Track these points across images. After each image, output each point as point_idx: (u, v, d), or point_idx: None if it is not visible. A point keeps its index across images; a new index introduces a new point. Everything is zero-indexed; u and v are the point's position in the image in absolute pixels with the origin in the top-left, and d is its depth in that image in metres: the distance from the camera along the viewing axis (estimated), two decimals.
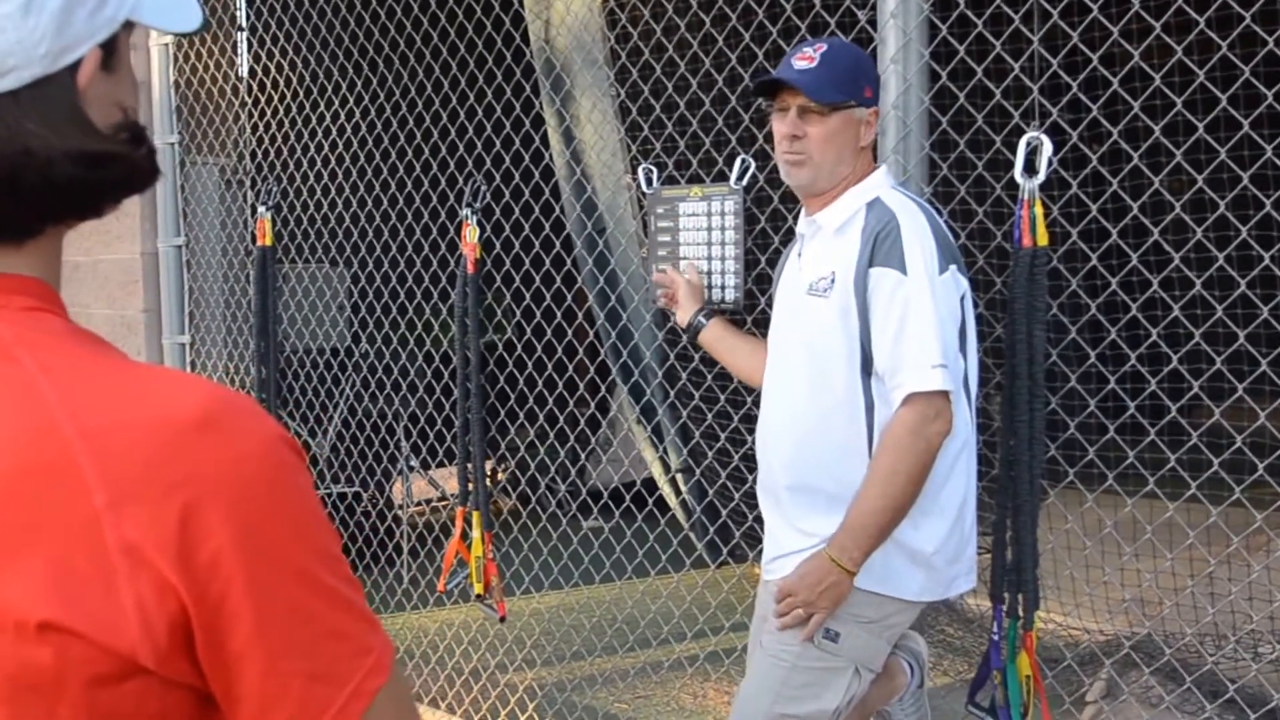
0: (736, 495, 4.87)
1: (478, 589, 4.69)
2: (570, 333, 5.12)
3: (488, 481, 4.77)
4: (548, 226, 5.30)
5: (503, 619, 4.75)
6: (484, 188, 4.56)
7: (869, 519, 2.96)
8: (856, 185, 3.13)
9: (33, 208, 1.06)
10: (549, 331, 5.03)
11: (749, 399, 4.09)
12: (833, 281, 3.06)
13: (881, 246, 2.97)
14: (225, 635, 1.02)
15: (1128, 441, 3.63)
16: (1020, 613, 3.26)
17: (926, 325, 2.92)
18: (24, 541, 0.98)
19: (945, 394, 2.94)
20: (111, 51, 1.10)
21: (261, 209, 5.61)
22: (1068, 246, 3.51)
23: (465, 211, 4.55)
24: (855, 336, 3.03)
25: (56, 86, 1.05)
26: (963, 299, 3.05)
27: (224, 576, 1.01)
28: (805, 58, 3.09)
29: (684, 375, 5.15)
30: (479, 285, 4.60)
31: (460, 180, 4.77)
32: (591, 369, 5.38)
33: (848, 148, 3.12)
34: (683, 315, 3.71)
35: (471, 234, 4.56)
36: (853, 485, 3.06)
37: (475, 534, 4.67)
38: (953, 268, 3.02)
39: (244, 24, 7.01)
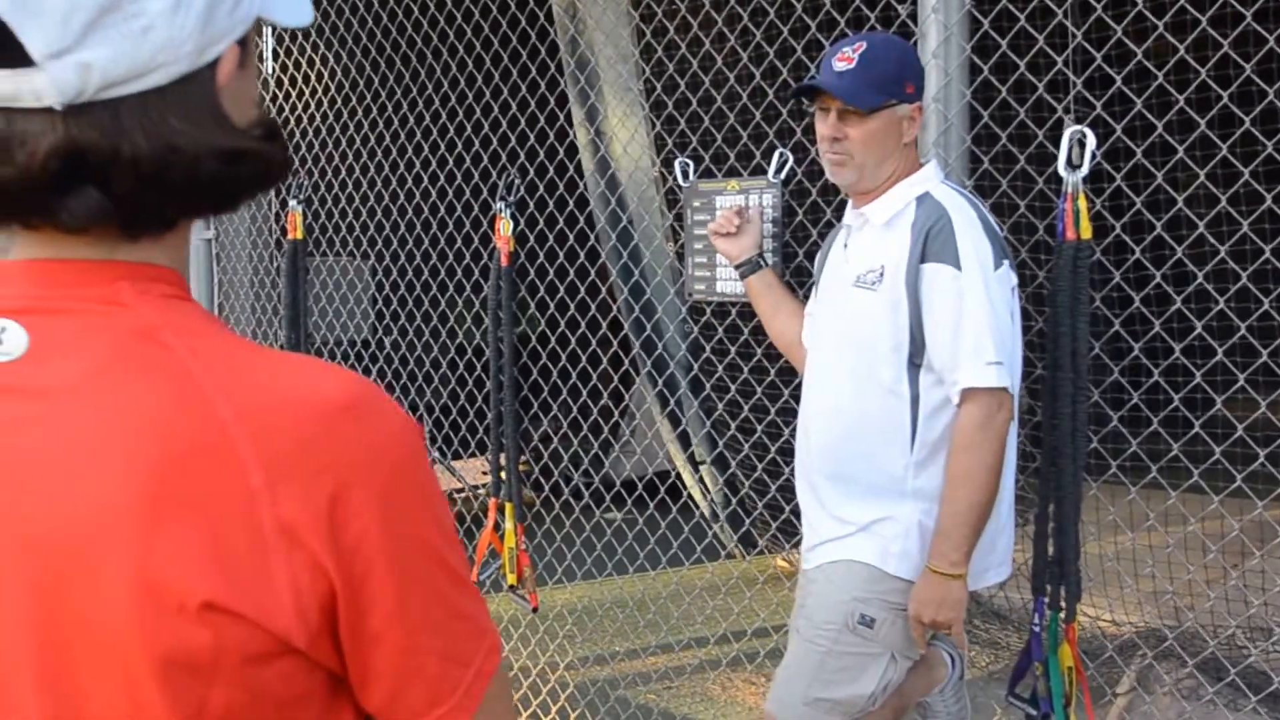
0: (772, 488, 4.86)
1: (510, 580, 4.70)
2: (603, 325, 5.12)
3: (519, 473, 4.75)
4: (577, 220, 5.30)
5: (535, 610, 4.76)
6: (518, 181, 4.57)
7: (960, 520, 2.99)
8: (905, 179, 3.14)
9: (177, 203, 1.07)
10: (582, 324, 5.04)
11: (786, 392, 4.09)
12: (881, 275, 3.07)
13: (934, 242, 2.98)
14: (366, 615, 1.05)
15: (1170, 435, 3.63)
16: (1062, 604, 3.27)
17: (982, 321, 2.94)
18: (182, 520, 0.99)
19: (1002, 389, 2.95)
20: (244, 48, 1.12)
21: (292, 202, 5.61)
22: (1111, 239, 3.50)
23: (499, 205, 4.56)
24: (904, 329, 3.04)
25: (199, 84, 1.06)
26: (1012, 292, 3.06)
27: (367, 557, 1.03)
28: (844, 59, 3.09)
29: (720, 368, 5.15)
30: (513, 278, 4.60)
31: (494, 174, 4.77)
32: (625, 361, 5.37)
33: (890, 146, 3.12)
34: (738, 248, 3.62)
35: (505, 227, 4.57)
36: (893, 475, 3.08)
37: (507, 525, 4.68)
38: (1005, 263, 3.03)
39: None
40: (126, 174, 1.02)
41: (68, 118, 1.00)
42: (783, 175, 3.74)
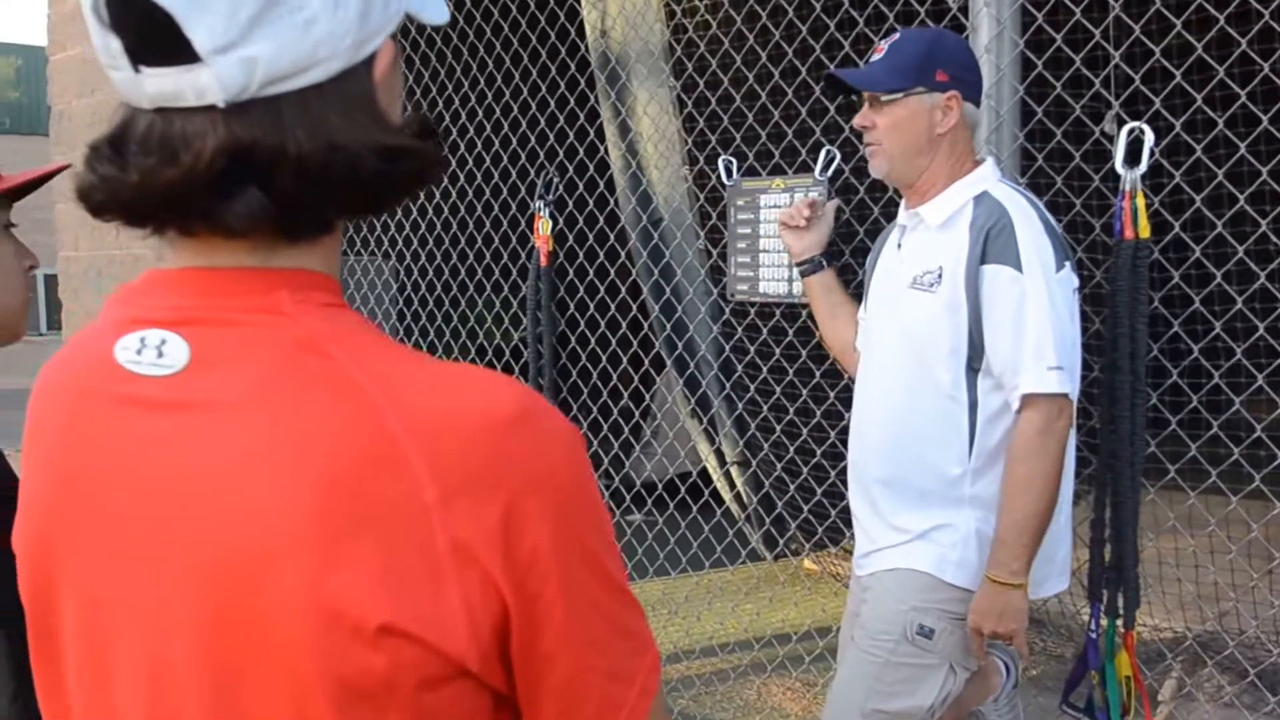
0: (818, 491, 4.80)
1: None
2: (622, 325, 5.06)
3: None
4: (596, 219, 5.24)
5: None
6: (557, 180, 4.51)
7: (1020, 529, 2.91)
8: (963, 179, 3.06)
9: (337, 204, 1.04)
10: (600, 324, 4.98)
11: (831, 394, 4.02)
12: (940, 276, 3.00)
13: (995, 242, 2.91)
14: (539, 633, 1.02)
15: (1230, 439, 3.56)
16: (1120, 611, 3.20)
17: (1044, 325, 2.87)
18: (357, 539, 0.96)
19: (1063, 396, 2.89)
20: (395, 46, 1.09)
21: None
22: (1170, 238, 3.43)
23: (537, 204, 4.50)
24: (963, 333, 2.97)
25: (356, 80, 1.04)
26: (1073, 294, 2.99)
27: (541, 573, 1.00)
28: (877, 50, 3.07)
29: (764, 370, 5.08)
30: (552, 278, 4.55)
31: (531, 172, 4.71)
32: (646, 361, 5.30)
33: (920, 135, 3.04)
34: (802, 244, 3.48)
35: (544, 226, 4.51)
36: (950, 481, 3.01)
37: None
38: (1067, 264, 2.96)
39: None
40: (290, 173, 0.99)
41: (229, 116, 0.98)
42: (829, 173, 3.68)
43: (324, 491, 0.96)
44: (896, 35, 3.07)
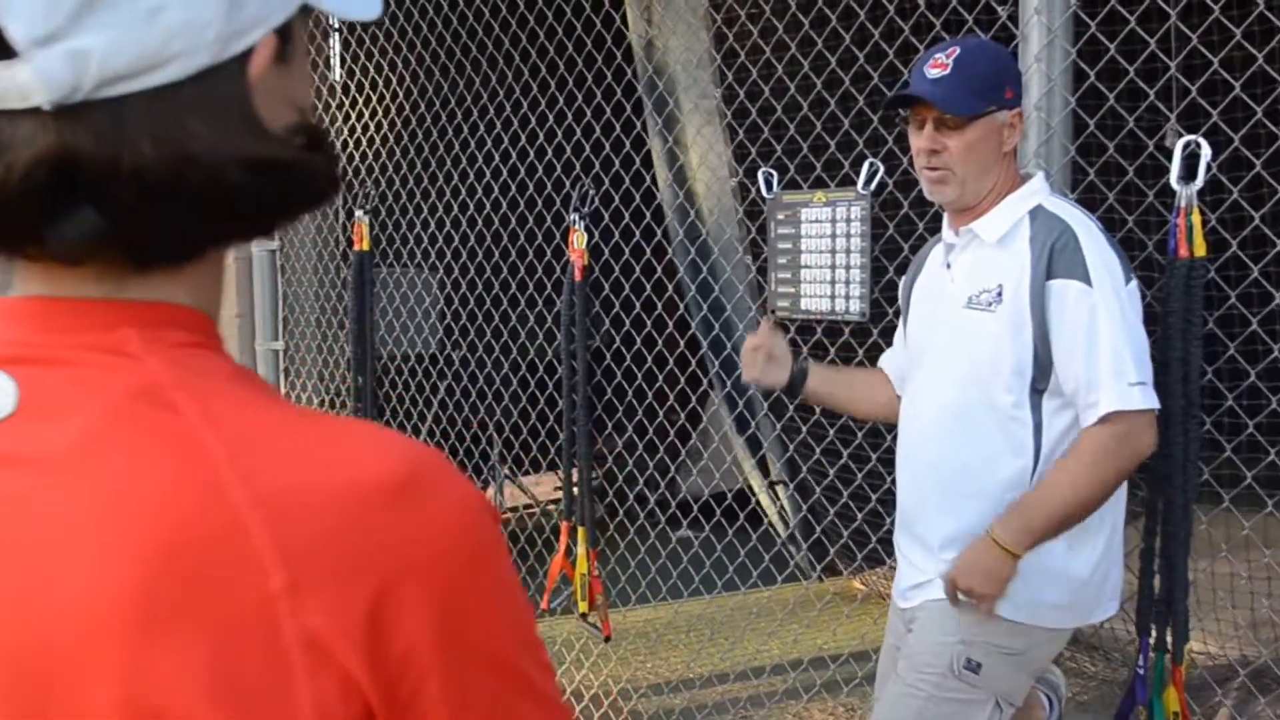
0: (832, 508, 4.68)
1: (581, 607, 4.55)
2: (661, 341, 4.96)
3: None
4: (652, 232, 5.14)
5: (608, 639, 4.60)
6: (592, 192, 4.41)
7: (1049, 511, 2.80)
8: (1014, 193, 2.95)
9: (195, 224, 0.89)
10: (638, 340, 4.87)
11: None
12: (999, 295, 2.88)
13: (1060, 257, 2.79)
14: None
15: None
16: (1169, 646, 3.08)
17: (1119, 339, 2.75)
18: (181, 629, 0.80)
19: (1148, 411, 2.77)
20: (287, 39, 0.93)
21: (359, 213, 5.50)
22: (1227, 256, 3.30)
23: (573, 217, 4.40)
24: (1028, 352, 2.85)
25: (225, 80, 0.88)
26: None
27: (418, 673, 0.85)
28: (938, 65, 2.91)
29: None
30: (586, 293, 4.44)
31: (567, 184, 4.62)
32: (683, 377, 5.19)
33: (991, 157, 2.92)
34: (773, 377, 3.34)
35: (579, 240, 4.41)
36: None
37: (580, 550, 4.52)
38: (1133, 279, 2.84)
39: (337, 23, 6.89)
40: (127, 189, 0.84)
41: (60, 121, 0.82)
42: (873, 186, 3.57)
43: (147, 571, 0.80)
44: (956, 49, 2.92)
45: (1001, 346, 2.87)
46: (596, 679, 5.22)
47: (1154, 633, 3.10)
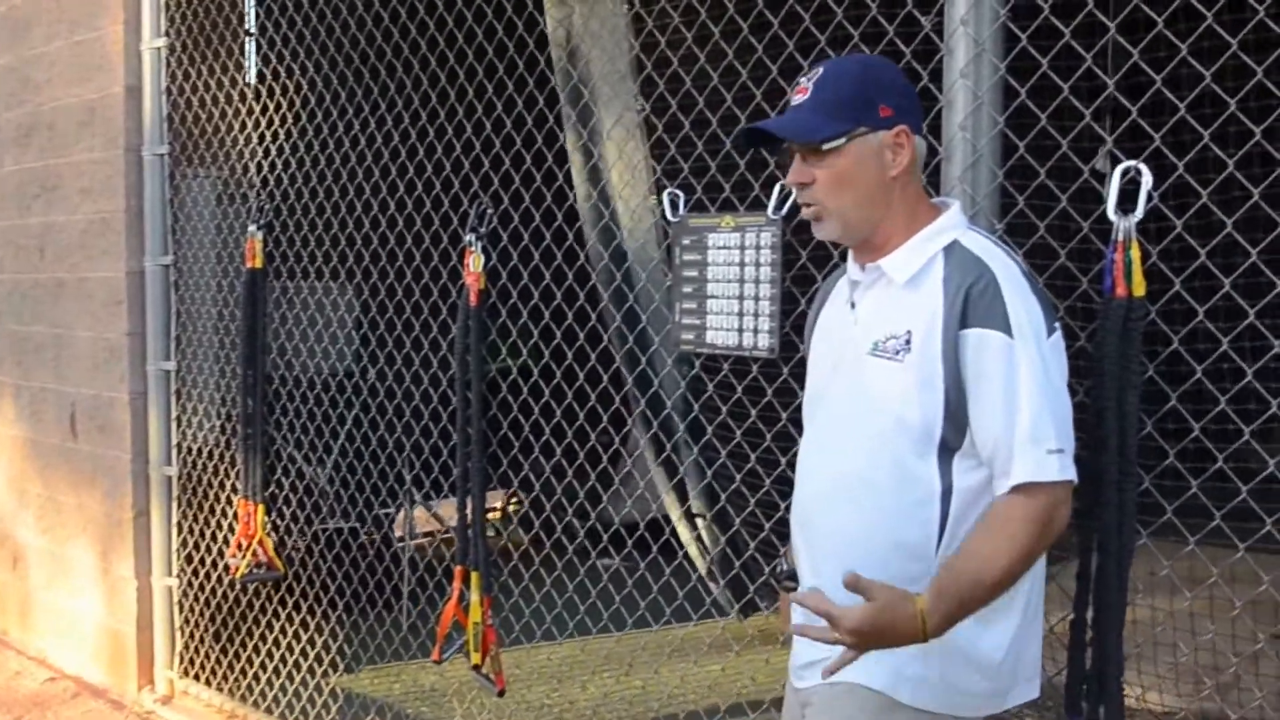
0: (753, 542, 4.38)
1: (474, 659, 4.21)
2: (592, 360, 4.62)
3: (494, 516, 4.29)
4: (569, 251, 4.80)
5: (501, 693, 4.26)
6: (490, 211, 4.07)
7: (975, 593, 2.45)
8: (927, 226, 2.63)
9: None
10: (568, 358, 4.53)
11: (784, 461, 3.59)
12: (908, 343, 2.55)
13: (979, 304, 2.47)
14: None
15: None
16: None
17: (1039, 400, 2.45)
18: None
19: (1065, 484, 2.47)
20: None
21: (252, 228, 5.16)
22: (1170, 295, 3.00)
23: (469, 238, 4.06)
24: (937, 409, 2.53)
25: None
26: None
27: None
28: (800, 90, 2.65)
29: (709, 428, 4.68)
30: (482, 320, 4.10)
31: (483, 199, 4.26)
32: (617, 398, 4.87)
33: (872, 184, 2.61)
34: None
35: (475, 263, 4.08)
36: (910, 581, 2.49)
37: (473, 597, 4.19)
38: (1058, 328, 2.54)
39: (253, 28, 6.54)
40: None
41: None
42: (784, 211, 3.28)
43: None
44: (820, 69, 2.64)
45: (909, 401, 2.55)
46: None
47: (1084, 712, 2.80)
